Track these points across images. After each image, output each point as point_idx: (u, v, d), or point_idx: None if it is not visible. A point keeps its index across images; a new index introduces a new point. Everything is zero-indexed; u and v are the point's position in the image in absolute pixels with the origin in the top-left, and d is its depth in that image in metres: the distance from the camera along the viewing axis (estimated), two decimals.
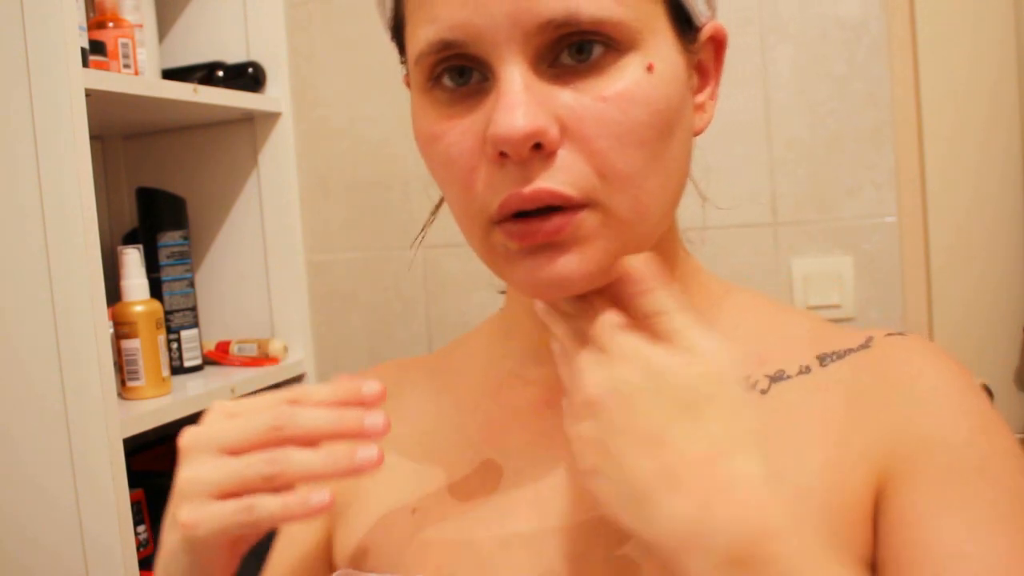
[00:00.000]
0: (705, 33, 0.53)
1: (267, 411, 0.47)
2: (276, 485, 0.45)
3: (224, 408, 0.49)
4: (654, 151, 0.48)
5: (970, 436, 0.49)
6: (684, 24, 0.51)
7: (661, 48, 0.48)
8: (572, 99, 0.46)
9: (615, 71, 0.47)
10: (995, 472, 0.48)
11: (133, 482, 1.03)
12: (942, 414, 0.50)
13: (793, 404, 0.52)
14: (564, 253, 0.48)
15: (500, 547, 0.53)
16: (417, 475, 0.58)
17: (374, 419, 0.47)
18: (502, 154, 0.46)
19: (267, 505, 0.45)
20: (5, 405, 1.01)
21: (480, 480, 0.56)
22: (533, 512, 0.53)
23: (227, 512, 0.45)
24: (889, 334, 0.54)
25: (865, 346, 0.53)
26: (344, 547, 0.59)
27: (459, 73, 0.48)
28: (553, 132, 0.46)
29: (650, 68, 0.47)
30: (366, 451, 0.46)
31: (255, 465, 0.46)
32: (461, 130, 0.48)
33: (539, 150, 0.46)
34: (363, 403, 0.48)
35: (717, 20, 0.54)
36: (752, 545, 0.40)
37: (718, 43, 0.55)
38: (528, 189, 0.46)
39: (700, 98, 0.54)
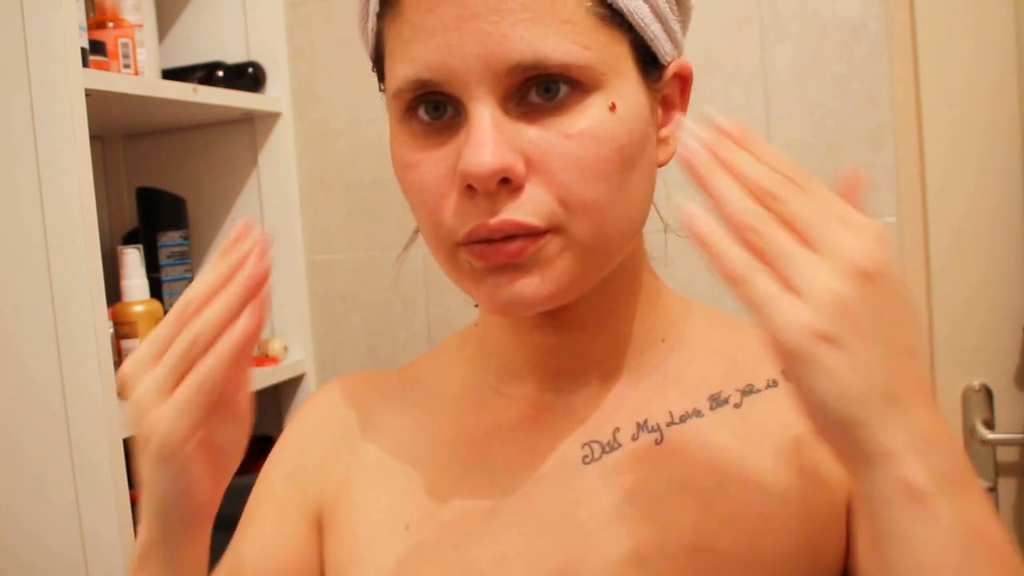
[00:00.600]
0: (670, 71, 0.55)
1: (172, 314, 0.49)
2: (207, 343, 0.47)
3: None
4: (616, 183, 0.50)
5: None
6: (649, 64, 0.53)
7: (625, 88, 0.51)
8: (538, 136, 0.49)
9: (580, 110, 0.49)
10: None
11: (133, 482, 1.03)
12: None
13: (765, 416, 0.54)
14: (525, 275, 0.50)
15: (495, 565, 0.53)
16: (405, 490, 0.58)
17: (252, 238, 0.49)
18: (470, 187, 0.49)
19: (213, 354, 0.46)
20: (5, 405, 1.01)
21: (470, 497, 0.56)
22: (526, 529, 0.54)
23: (182, 392, 0.46)
24: None
25: None
26: (335, 560, 0.58)
27: (434, 107, 0.51)
28: (519, 168, 0.48)
29: (612, 107, 0.49)
30: (250, 244, 0.49)
31: (177, 344, 0.47)
32: (435, 161, 0.51)
33: (506, 184, 0.48)
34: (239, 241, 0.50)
35: (683, 58, 0.56)
36: (962, 469, 0.41)
37: (683, 79, 0.56)
38: (495, 220, 0.49)
39: (664, 132, 0.56)
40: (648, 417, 0.56)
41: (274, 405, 1.42)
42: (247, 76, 1.34)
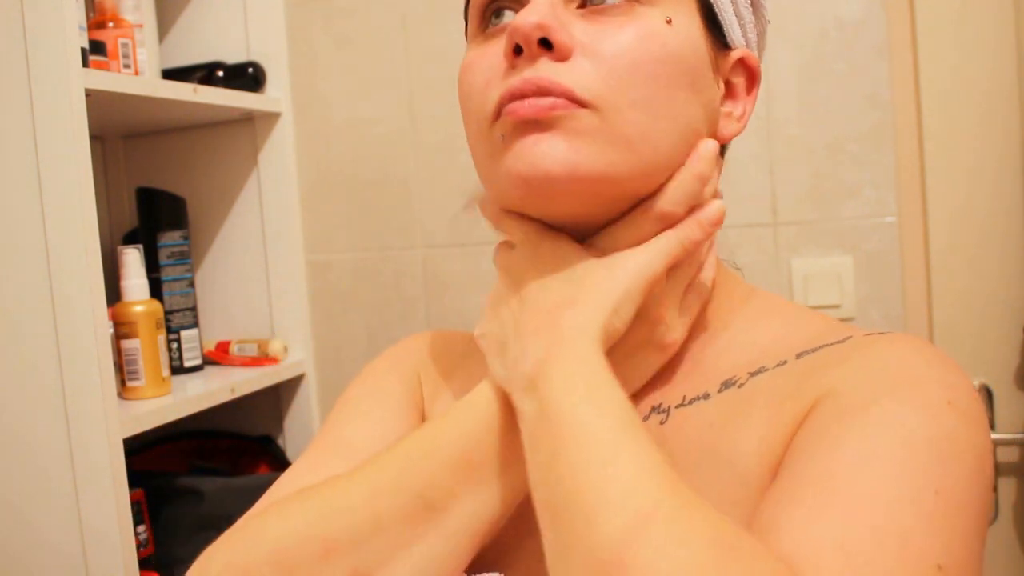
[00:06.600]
0: (735, 55, 0.57)
1: None
2: None
3: None
4: (667, 93, 0.51)
5: (874, 390, 0.47)
6: (714, 27, 0.55)
7: (683, 17, 0.52)
8: (592, 27, 0.51)
9: (635, 15, 0.51)
10: (877, 410, 0.45)
11: (133, 482, 1.03)
12: (863, 371, 0.49)
13: (757, 391, 0.53)
14: (552, 133, 0.49)
15: (516, 537, 0.55)
16: None
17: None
18: (516, 52, 0.50)
19: None
20: (5, 405, 1.01)
21: None
22: None
23: None
24: (871, 333, 0.54)
25: (841, 341, 0.53)
26: None
27: (498, 15, 0.54)
28: (563, 35, 0.50)
29: (669, 22, 0.51)
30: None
31: None
32: (490, 54, 0.53)
33: (550, 51, 0.50)
34: None
35: (752, 52, 0.58)
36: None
37: (750, 72, 0.58)
38: (532, 74, 0.50)
39: (726, 109, 0.57)
40: (664, 400, 0.56)
41: (274, 405, 1.42)
42: (247, 76, 1.34)
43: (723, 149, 0.62)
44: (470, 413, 0.52)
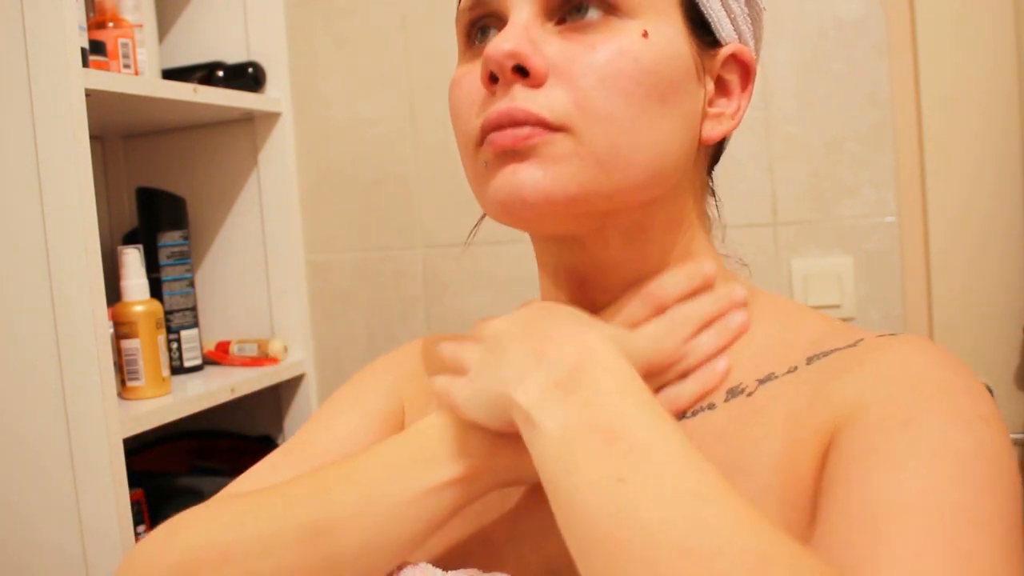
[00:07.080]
0: (727, 50, 0.56)
1: None
2: None
3: None
4: (637, 105, 0.51)
5: (909, 398, 0.46)
6: (700, 27, 0.55)
7: (662, 27, 0.52)
8: (566, 46, 0.51)
9: (611, 30, 0.52)
10: (923, 428, 0.44)
11: (133, 482, 1.04)
12: (890, 381, 0.48)
13: (769, 400, 0.52)
14: (529, 162, 0.51)
15: (508, 540, 0.55)
16: None
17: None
18: (492, 80, 0.51)
19: None
20: (6, 405, 1.02)
21: None
22: (538, 509, 0.54)
23: None
24: (882, 335, 0.54)
25: (853, 344, 0.53)
26: None
27: (483, 32, 0.55)
28: (537, 60, 0.51)
29: (645, 35, 0.52)
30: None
31: None
32: (476, 72, 0.54)
33: (525, 78, 0.51)
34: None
35: (745, 46, 0.57)
36: (600, 414, 0.44)
37: (744, 66, 0.57)
38: (506, 105, 0.51)
39: (715, 109, 0.57)
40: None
41: (274, 405, 1.42)
42: (247, 76, 1.34)
43: (721, 146, 0.62)
44: (396, 448, 0.52)
